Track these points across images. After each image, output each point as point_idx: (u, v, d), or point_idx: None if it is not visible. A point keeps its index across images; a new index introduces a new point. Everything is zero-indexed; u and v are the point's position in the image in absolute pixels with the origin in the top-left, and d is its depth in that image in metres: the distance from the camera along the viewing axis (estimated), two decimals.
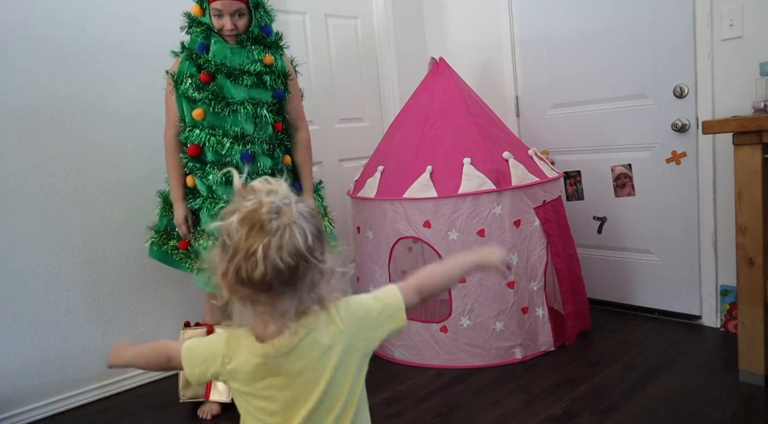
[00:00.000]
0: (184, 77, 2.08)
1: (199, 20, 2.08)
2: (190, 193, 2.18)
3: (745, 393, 2.05)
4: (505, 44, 3.27)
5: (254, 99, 2.10)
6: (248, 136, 2.09)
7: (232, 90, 2.07)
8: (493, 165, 2.41)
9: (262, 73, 2.10)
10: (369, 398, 1.10)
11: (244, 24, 2.08)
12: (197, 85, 2.06)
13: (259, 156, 2.11)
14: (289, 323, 0.96)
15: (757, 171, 2.00)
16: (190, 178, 2.16)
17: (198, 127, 2.10)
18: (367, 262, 2.66)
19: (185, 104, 2.12)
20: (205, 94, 2.06)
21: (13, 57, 2.23)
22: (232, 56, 2.08)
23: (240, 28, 2.07)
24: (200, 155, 2.13)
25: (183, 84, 2.09)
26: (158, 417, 2.28)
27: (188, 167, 2.15)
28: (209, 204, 2.11)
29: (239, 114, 2.07)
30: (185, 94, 2.09)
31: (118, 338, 2.53)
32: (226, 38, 2.08)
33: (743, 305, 2.09)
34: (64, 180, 2.37)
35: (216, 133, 2.08)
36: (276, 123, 2.18)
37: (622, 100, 2.85)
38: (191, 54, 2.09)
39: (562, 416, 2.00)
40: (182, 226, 2.19)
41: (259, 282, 0.90)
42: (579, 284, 2.67)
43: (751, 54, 2.39)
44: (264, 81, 2.10)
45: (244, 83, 2.07)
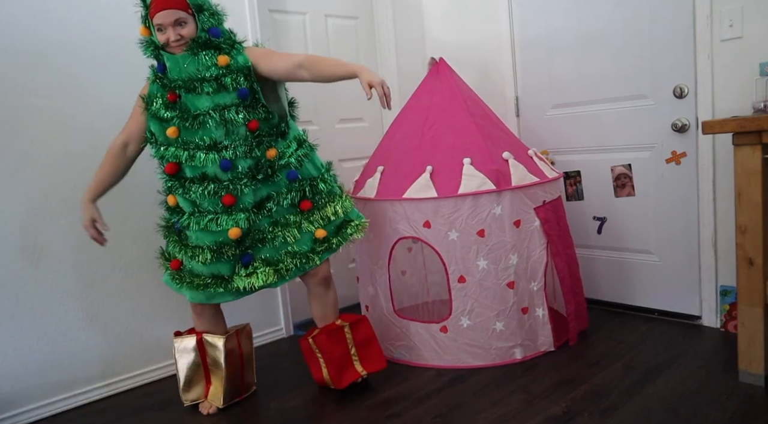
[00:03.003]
0: (154, 98, 2.08)
1: (149, 40, 2.04)
2: (174, 212, 2.17)
3: (745, 393, 2.05)
4: (505, 44, 3.27)
5: (219, 105, 2.03)
6: (221, 143, 2.05)
7: (196, 102, 2.04)
8: (493, 165, 2.41)
9: (220, 76, 2.02)
10: (369, 398, 1.10)
11: (189, 32, 2.00)
12: (166, 105, 2.06)
13: (237, 160, 2.06)
14: None
15: (757, 171, 2.00)
16: (171, 197, 2.14)
17: (173, 146, 2.07)
18: (367, 262, 2.66)
19: (156, 125, 2.09)
20: (175, 112, 2.05)
21: (12, 57, 2.23)
22: (185, 68, 2.02)
23: (185, 36, 2.00)
24: (178, 173, 2.10)
25: (154, 105, 2.08)
26: (158, 417, 2.28)
27: (167, 187, 2.14)
28: (197, 218, 2.09)
29: (207, 124, 2.02)
30: (157, 114, 2.07)
31: (117, 338, 2.53)
32: (173, 50, 2.02)
33: (743, 305, 2.09)
34: (64, 182, 2.37)
35: (189, 147, 2.05)
36: (249, 122, 2.06)
37: (622, 101, 2.86)
38: (156, 75, 2.07)
39: (562, 416, 2.01)
40: (89, 229, 2.16)
41: None
42: (578, 285, 2.67)
43: (751, 54, 2.39)
44: (224, 84, 2.03)
45: (204, 91, 2.02)
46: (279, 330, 3.07)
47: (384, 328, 2.61)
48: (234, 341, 2.30)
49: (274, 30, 3.03)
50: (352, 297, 3.18)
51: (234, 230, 2.05)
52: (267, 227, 2.12)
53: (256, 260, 2.13)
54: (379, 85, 1.96)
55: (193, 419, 2.24)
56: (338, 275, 2.50)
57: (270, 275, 2.11)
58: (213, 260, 2.09)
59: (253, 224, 2.10)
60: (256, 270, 2.11)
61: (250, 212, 2.09)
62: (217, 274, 2.12)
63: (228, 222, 2.05)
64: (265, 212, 2.11)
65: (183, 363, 2.27)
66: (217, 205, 2.07)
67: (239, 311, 2.73)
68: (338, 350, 2.27)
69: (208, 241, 2.09)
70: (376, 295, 2.62)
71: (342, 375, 2.26)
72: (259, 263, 2.12)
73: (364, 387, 2.33)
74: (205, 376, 2.30)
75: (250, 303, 2.86)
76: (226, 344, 2.25)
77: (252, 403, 2.31)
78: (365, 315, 2.36)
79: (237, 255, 2.11)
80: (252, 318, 2.88)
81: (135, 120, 2.16)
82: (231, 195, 2.05)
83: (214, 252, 2.08)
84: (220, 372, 2.26)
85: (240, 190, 2.05)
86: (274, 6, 3.08)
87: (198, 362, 2.27)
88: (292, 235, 2.12)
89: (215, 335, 2.27)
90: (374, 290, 2.63)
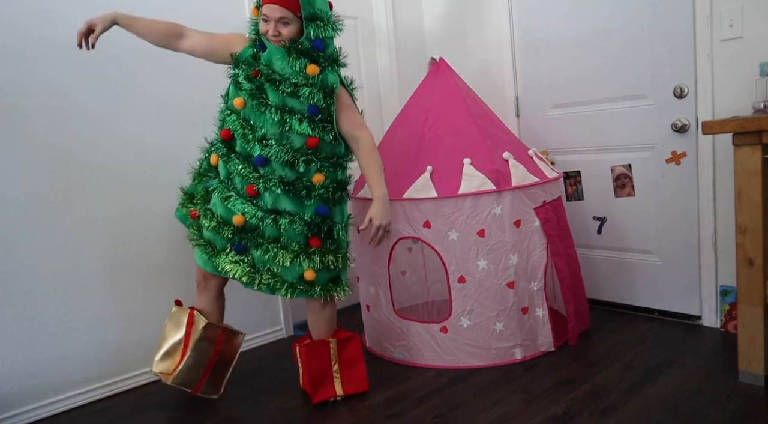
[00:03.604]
0: (242, 62, 2.11)
1: (256, 21, 2.11)
2: (211, 170, 2.23)
3: (745, 393, 2.05)
4: (505, 44, 3.27)
5: (287, 106, 2.06)
6: (269, 140, 2.08)
7: (270, 93, 2.07)
8: (493, 165, 2.41)
9: (300, 85, 2.04)
10: (369, 398, 1.11)
11: (289, 33, 2.03)
12: (248, 76, 2.09)
13: (273, 162, 2.08)
14: None
15: (757, 171, 2.00)
16: (214, 156, 2.19)
17: (235, 114, 2.12)
18: (367, 262, 2.66)
19: (232, 87, 2.15)
20: (251, 87, 2.08)
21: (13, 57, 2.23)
22: (275, 60, 2.05)
23: (284, 36, 2.02)
24: (230, 141, 2.15)
25: (238, 68, 2.11)
26: (158, 417, 2.28)
27: (216, 147, 2.18)
28: (222, 189, 2.15)
29: (267, 117, 2.06)
30: (236, 78, 2.12)
31: (117, 338, 2.53)
32: (271, 41, 2.05)
33: (743, 305, 2.09)
34: (64, 181, 2.37)
35: (246, 126, 2.10)
36: (310, 137, 2.06)
37: (622, 101, 2.86)
38: (255, 45, 2.10)
39: (562, 416, 2.01)
40: (82, 31, 2.05)
41: None
42: (579, 285, 2.67)
43: (751, 54, 2.39)
44: (300, 92, 2.04)
45: (280, 89, 2.05)
46: (279, 330, 3.07)
47: (384, 328, 2.61)
48: (216, 333, 2.29)
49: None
50: (352, 297, 3.17)
51: (239, 217, 2.10)
52: (270, 236, 2.13)
53: (246, 253, 2.16)
54: (377, 227, 2.14)
55: (194, 418, 2.24)
56: None
57: (246, 275, 2.14)
58: (215, 230, 2.14)
59: (260, 225, 2.12)
60: (240, 262, 2.14)
61: (264, 212, 2.11)
62: (212, 242, 2.19)
63: (239, 207, 2.10)
64: (275, 224, 2.11)
65: (169, 333, 2.31)
66: (243, 187, 2.12)
67: (240, 310, 2.73)
68: (317, 365, 2.24)
69: (219, 211, 2.15)
70: (376, 295, 2.62)
71: (317, 390, 2.23)
72: (246, 258, 2.16)
73: None
74: (181, 353, 2.28)
75: (250, 303, 2.86)
76: (205, 329, 2.25)
77: (252, 403, 2.31)
78: (357, 333, 2.34)
79: (233, 239, 2.15)
80: (252, 318, 2.89)
81: (210, 40, 2.14)
82: (254, 188, 2.10)
83: (219, 224, 2.14)
84: (189, 353, 2.24)
85: (264, 189, 2.09)
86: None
87: (182, 338, 2.28)
88: (283, 259, 2.12)
89: (202, 318, 2.27)
90: (374, 290, 2.63)
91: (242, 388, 2.44)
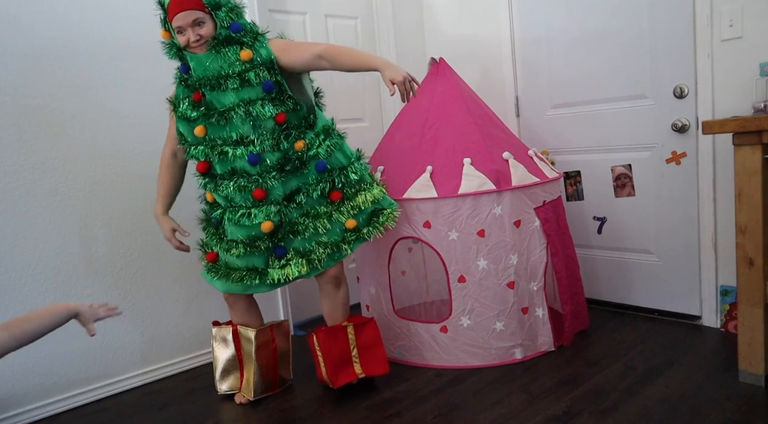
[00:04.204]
0: (180, 100, 2.12)
1: (171, 43, 2.05)
2: (212, 207, 2.24)
3: (745, 393, 2.05)
4: (505, 44, 3.27)
5: (245, 99, 2.05)
6: (247, 138, 2.07)
7: (222, 98, 2.05)
8: (493, 165, 2.41)
9: (244, 71, 2.03)
10: (369, 398, 1.11)
11: (208, 31, 2.00)
12: (192, 105, 2.09)
13: (264, 154, 2.08)
14: None
15: (757, 171, 2.00)
16: (209, 194, 2.20)
17: (201, 144, 2.11)
18: (367, 262, 2.66)
19: (184, 126, 2.12)
20: (200, 112, 2.08)
21: (13, 57, 2.23)
22: (209, 66, 2.03)
23: (205, 36, 2.00)
24: (209, 170, 2.14)
25: (181, 106, 2.11)
26: (158, 417, 2.28)
27: (202, 185, 2.20)
28: (230, 213, 2.13)
29: (233, 120, 2.05)
30: (184, 115, 2.10)
31: (117, 338, 2.53)
32: (195, 50, 2.02)
33: (743, 305, 2.09)
34: (64, 181, 2.37)
35: (217, 144, 2.09)
36: (277, 115, 2.07)
37: (622, 101, 2.86)
38: (181, 77, 2.11)
39: (562, 416, 2.01)
40: (171, 240, 2.25)
41: None
42: (577, 285, 2.67)
43: (751, 54, 2.39)
44: (248, 78, 2.03)
45: (229, 88, 2.03)
46: None
47: (384, 328, 2.61)
48: (267, 334, 2.32)
49: (274, 30, 3.02)
50: (352, 297, 3.17)
51: (266, 223, 2.08)
52: (298, 218, 2.15)
53: (289, 252, 2.16)
54: (401, 82, 1.95)
55: (194, 418, 2.24)
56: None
57: (303, 266, 2.14)
58: (247, 253, 2.13)
59: (285, 217, 2.13)
60: (290, 261, 2.14)
61: (281, 204, 2.11)
62: (252, 267, 2.16)
63: (260, 216, 2.09)
64: (295, 204, 2.14)
65: (219, 353, 2.33)
66: (248, 199, 2.11)
67: None
68: (336, 350, 2.26)
69: (241, 235, 2.13)
70: (376, 295, 2.62)
71: (338, 375, 2.25)
72: (292, 254, 2.16)
73: (364, 387, 2.33)
74: (239, 367, 2.33)
75: None
76: (257, 337, 2.27)
77: (252, 403, 2.31)
78: (373, 318, 2.35)
79: (270, 248, 2.14)
80: None
81: (173, 126, 2.20)
82: (261, 189, 2.08)
83: (247, 246, 2.12)
84: (252, 365, 2.28)
85: (269, 183, 2.08)
86: (274, 6, 3.08)
87: (233, 353, 2.32)
88: (322, 225, 2.14)
89: (248, 327, 2.30)
90: (374, 290, 2.63)
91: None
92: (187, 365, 2.72)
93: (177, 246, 2.25)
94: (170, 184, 2.27)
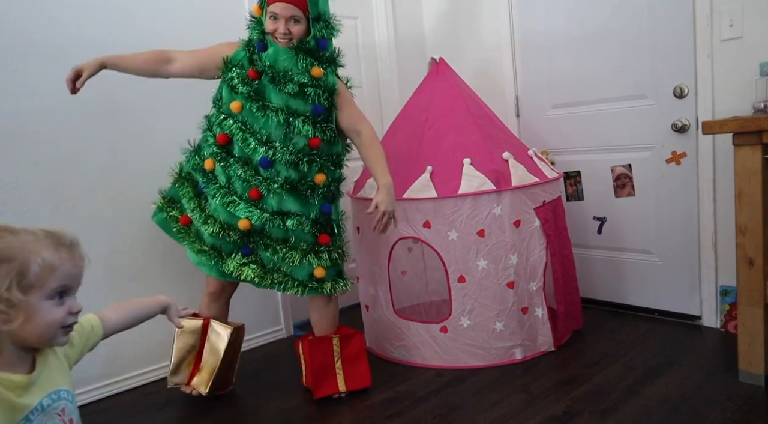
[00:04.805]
0: (235, 66, 2.10)
1: (259, 20, 2.09)
2: (206, 177, 2.19)
3: (745, 393, 2.05)
4: (505, 44, 3.27)
5: (291, 108, 2.07)
6: (273, 142, 2.08)
7: (272, 95, 2.07)
8: (493, 165, 2.41)
9: (306, 85, 2.06)
10: (369, 398, 1.11)
11: (299, 31, 2.04)
12: (243, 79, 2.07)
13: (277, 163, 2.08)
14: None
15: (757, 171, 2.00)
16: (210, 161, 2.16)
17: (232, 118, 2.10)
18: (367, 262, 2.66)
19: (226, 91, 2.12)
20: (248, 90, 2.07)
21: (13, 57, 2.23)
22: (281, 61, 2.05)
23: (294, 34, 2.03)
24: (227, 146, 2.14)
25: (231, 71, 2.10)
26: (158, 417, 2.28)
27: (212, 153, 2.15)
28: (223, 194, 2.13)
29: (270, 119, 2.06)
30: (230, 82, 2.10)
31: (117, 338, 2.50)
32: (277, 41, 2.05)
33: (743, 305, 2.09)
34: (64, 180, 2.36)
35: (246, 129, 2.09)
36: (312, 138, 2.09)
37: (622, 101, 2.86)
38: (250, 46, 2.10)
39: (562, 416, 2.00)
40: (71, 78, 2.05)
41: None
42: (571, 285, 2.67)
43: (751, 54, 2.39)
44: (306, 93, 2.06)
45: (285, 91, 2.05)
46: (279, 330, 3.07)
47: (384, 328, 2.61)
48: (235, 334, 2.32)
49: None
50: (353, 297, 3.18)
51: (244, 221, 2.09)
52: (277, 238, 2.15)
53: (254, 255, 2.17)
54: (383, 212, 2.05)
55: (194, 418, 2.24)
56: None
57: (258, 276, 2.16)
58: (219, 235, 2.13)
59: (266, 228, 2.13)
60: (249, 264, 2.16)
61: (270, 215, 2.11)
62: (218, 247, 2.18)
63: (243, 212, 2.10)
64: (282, 225, 2.12)
65: (181, 343, 2.30)
66: (244, 191, 2.11)
67: (240, 310, 2.72)
68: (320, 360, 2.25)
69: (222, 216, 2.14)
70: (376, 295, 2.62)
71: (320, 386, 2.24)
72: (255, 259, 2.17)
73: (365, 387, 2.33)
74: (195, 361, 2.31)
75: (250, 303, 2.86)
76: (231, 335, 2.27)
77: (252, 403, 2.31)
78: (359, 331, 2.34)
79: (239, 243, 2.15)
80: (252, 318, 2.88)
81: (197, 57, 2.15)
82: (258, 191, 2.09)
83: (222, 229, 2.13)
84: (214, 361, 2.26)
85: (268, 191, 2.09)
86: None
87: (195, 346, 2.30)
88: (293, 259, 2.14)
89: (222, 323, 2.30)
90: (374, 290, 2.63)
91: (242, 387, 2.44)
92: None
93: (68, 85, 2.06)
94: (137, 64, 2.12)
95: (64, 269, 1.00)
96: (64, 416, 1.04)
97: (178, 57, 2.16)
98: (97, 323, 1.24)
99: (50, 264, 0.97)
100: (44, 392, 1.01)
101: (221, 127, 2.12)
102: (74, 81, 2.07)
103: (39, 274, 0.96)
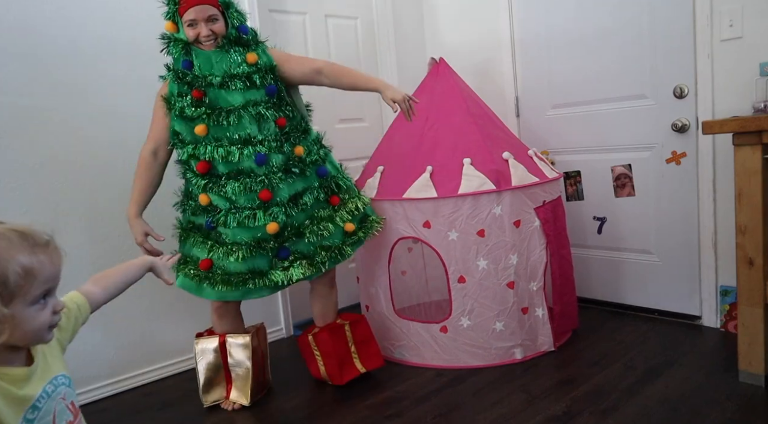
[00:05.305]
0: (176, 98, 2.07)
1: (176, 37, 2.04)
2: (206, 211, 2.14)
3: (745, 393, 2.05)
4: (505, 44, 3.27)
5: (251, 100, 2.06)
6: (254, 138, 2.06)
7: (228, 97, 2.05)
8: (493, 165, 2.41)
9: (250, 73, 2.06)
10: (369, 398, 1.11)
11: (220, 28, 2.03)
12: (191, 102, 2.05)
13: (270, 155, 2.08)
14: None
15: (757, 171, 2.00)
16: (204, 197, 2.11)
17: (201, 144, 2.06)
18: (367, 262, 2.66)
19: (182, 124, 2.08)
20: (202, 110, 2.04)
21: (13, 57, 2.23)
22: (216, 64, 2.04)
23: (217, 33, 2.02)
24: (210, 170, 2.09)
25: (177, 104, 2.06)
26: (158, 417, 2.28)
27: (199, 186, 2.10)
28: (234, 215, 2.08)
29: (243, 119, 2.04)
30: (182, 114, 2.06)
31: (118, 339, 2.53)
32: (203, 47, 2.03)
33: (743, 305, 2.09)
34: (65, 181, 2.37)
35: (222, 144, 2.05)
36: (278, 119, 2.12)
37: (622, 101, 2.86)
38: (177, 74, 2.06)
39: (562, 416, 2.01)
40: (144, 244, 2.13)
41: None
42: (568, 285, 2.66)
43: (751, 54, 2.39)
44: (253, 81, 2.06)
45: (237, 88, 2.04)
46: (279, 330, 3.07)
47: (384, 328, 2.61)
48: (256, 339, 2.31)
49: (274, 30, 3.03)
50: (353, 297, 3.18)
51: (272, 225, 2.08)
52: (304, 221, 2.17)
53: (292, 253, 2.16)
54: (402, 100, 2.07)
55: (193, 418, 2.24)
56: (338, 274, 2.50)
57: (306, 268, 2.16)
58: (251, 255, 2.10)
59: (290, 218, 2.13)
60: (293, 263, 2.15)
61: (287, 206, 2.12)
62: (255, 269, 2.13)
63: (265, 217, 2.08)
64: (300, 206, 2.15)
65: (203, 365, 2.27)
66: (253, 200, 2.09)
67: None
68: (339, 348, 2.31)
69: (245, 237, 2.10)
70: (376, 295, 2.62)
71: (342, 372, 2.30)
72: (295, 256, 2.16)
73: (364, 387, 2.33)
74: (225, 377, 2.28)
75: (250, 303, 2.85)
76: (252, 341, 2.25)
77: (252, 402, 2.31)
78: (364, 315, 2.38)
79: (274, 249, 2.14)
80: (252, 318, 2.88)
81: (159, 124, 2.13)
82: (267, 190, 2.08)
83: (252, 248, 2.10)
84: (245, 371, 2.25)
85: (276, 184, 2.09)
86: (274, 6, 3.08)
87: (219, 364, 2.27)
88: (326, 229, 2.18)
89: (238, 334, 2.27)
90: (374, 290, 2.63)
91: None
92: (187, 366, 2.71)
93: (149, 249, 2.13)
94: (147, 184, 2.15)
95: (45, 272, 0.95)
96: (66, 401, 1.04)
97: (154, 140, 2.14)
98: (83, 300, 1.20)
99: (29, 270, 0.92)
100: (45, 380, 1.01)
101: (196, 158, 2.07)
102: (148, 243, 2.15)
103: (19, 282, 0.91)
